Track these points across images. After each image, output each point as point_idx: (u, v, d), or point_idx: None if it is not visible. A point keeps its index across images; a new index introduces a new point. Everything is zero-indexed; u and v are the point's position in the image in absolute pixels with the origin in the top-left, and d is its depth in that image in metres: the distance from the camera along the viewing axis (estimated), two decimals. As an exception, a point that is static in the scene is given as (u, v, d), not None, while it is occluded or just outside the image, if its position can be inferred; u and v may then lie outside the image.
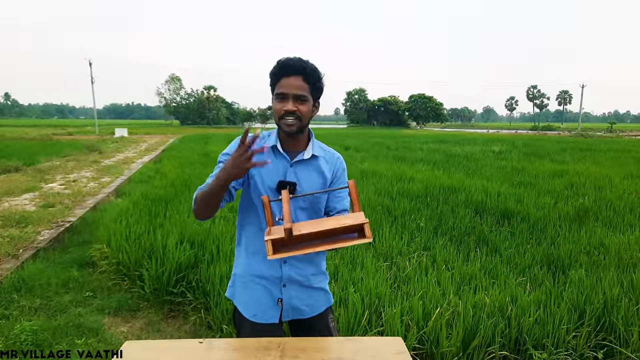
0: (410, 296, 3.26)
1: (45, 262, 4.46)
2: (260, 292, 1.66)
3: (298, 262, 1.65)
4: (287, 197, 1.35)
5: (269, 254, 1.26)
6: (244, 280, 1.69)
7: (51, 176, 10.09)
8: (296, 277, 1.66)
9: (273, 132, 1.67)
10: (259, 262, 1.65)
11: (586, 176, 9.43)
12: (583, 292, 3.17)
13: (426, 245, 4.61)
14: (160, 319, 3.58)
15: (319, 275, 1.73)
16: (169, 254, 3.91)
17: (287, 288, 1.66)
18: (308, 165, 1.64)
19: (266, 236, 1.28)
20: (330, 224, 1.29)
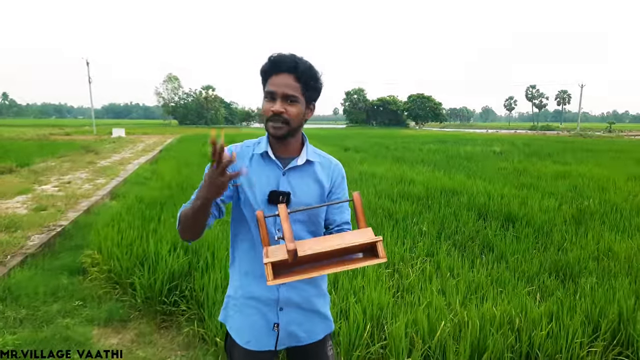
0: (414, 306, 3.10)
1: (34, 269, 4.29)
2: (255, 317, 1.49)
3: (297, 282, 1.46)
4: (286, 213, 1.19)
5: (269, 279, 1.11)
6: (236, 302, 1.52)
7: (45, 178, 9.91)
8: (295, 300, 1.49)
9: (263, 138, 1.51)
10: (253, 283, 1.48)
11: (589, 178, 9.30)
12: (596, 304, 3.01)
13: (429, 251, 4.45)
14: (152, 329, 3.41)
15: (321, 297, 1.56)
16: (162, 262, 3.75)
17: (285, 312, 1.48)
18: (302, 172, 1.48)
19: (265, 258, 1.12)
20: (338, 242, 1.14)
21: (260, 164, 1.46)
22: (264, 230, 1.20)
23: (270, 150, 1.46)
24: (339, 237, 1.18)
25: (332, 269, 1.15)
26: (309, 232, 1.49)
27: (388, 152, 16.53)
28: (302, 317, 1.51)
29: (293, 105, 1.37)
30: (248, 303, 1.49)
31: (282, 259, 1.11)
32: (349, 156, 14.90)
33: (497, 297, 3.29)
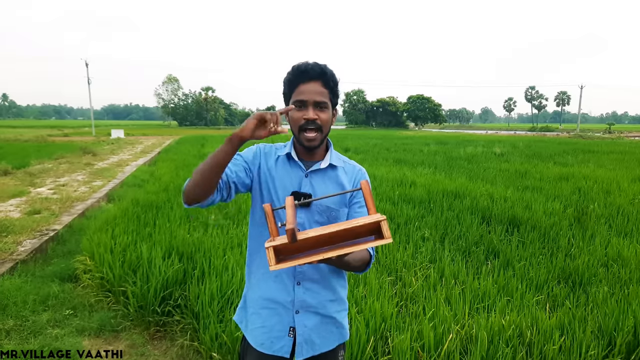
0: (419, 317, 2.97)
1: (24, 276, 4.15)
2: (270, 318, 1.47)
3: (313, 285, 1.47)
4: (292, 202, 1.17)
5: (271, 263, 1.09)
6: (253, 303, 1.51)
7: (41, 180, 9.76)
8: (311, 303, 1.46)
9: (288, 143, 1.52)
10: (270, 284, 1.47)
11: (593, 180, 9.16)
12: (610, 315, 2.87)
13: (432, 257, 4.31)
14: (145, 340, 3.27)
15: (337, 303, 1.53)
16: (156, 269, 3.61)
17: (301, 315, 1.46)
18: (325, 175, 1.49)
19: (267, 243, 1.11)
20: (341, 226, 1.12)
21: (284, 165, 1.48)
22: (272, 222, 1.18)
23: (294, 153, 1.48)
24: (342, 222, 1.16)
25: (335, 252, 1.10)
26: None
27: (388, 154, 16.38)
28: (317, 322, 1.48)
29: (323, 112, 1.40)
30: (264, 304, 1.48)
31: (283, 242, 1.08)
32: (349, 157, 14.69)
33: (505, 306, 3.15)
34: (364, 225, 1.10)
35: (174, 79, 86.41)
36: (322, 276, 1.47)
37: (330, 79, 1.40)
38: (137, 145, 23.29)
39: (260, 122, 1.21)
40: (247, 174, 1.46)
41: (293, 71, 1.40)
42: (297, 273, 1.45)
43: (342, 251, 1.10)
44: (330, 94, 1.41)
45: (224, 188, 1.40)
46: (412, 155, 15.51)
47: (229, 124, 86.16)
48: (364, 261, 1.40)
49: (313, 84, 1.38)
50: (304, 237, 1.08)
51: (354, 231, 1.12)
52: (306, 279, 1.46)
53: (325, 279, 1.48)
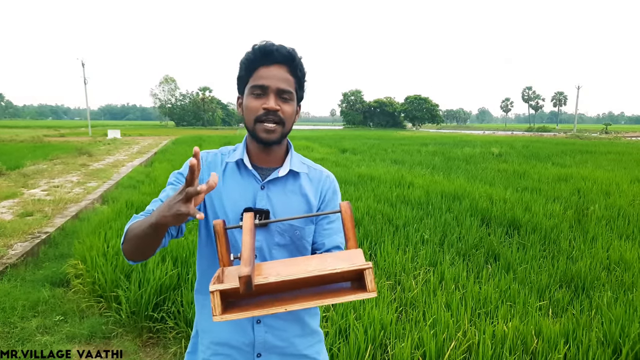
0: (419, 323, 2.88)
1: (14, 280, 4.05)
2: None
3: (278, 321, 1.21)
4: (251, 223, 0.94)
5: (215, 312, 0.83)
6: (203, 348, 1.24)
7: (35, 181, 9.64)
8: (275, 343, 1.21)
9: (239, 144, 1.27)
10: (222, 325, 1.19)
11: (592, 181, 9.11)
12: (615, 322, 2.79)
13: (432, 260, 4.23)
14: (137, 348, 3.18)
15: (307, 336, 1.27)
16: (150, 273, 3.51)
17: (264, 358, 1.21)
18: (285, 185, 1.22)
19: (212, 284, 0.84)
20: (314, 266, 0.87)
21: (233, 175, 1.21)
22: (223, 246, 0.95)
23: (247, 158, 1.22)
24: (318, 260, 0.93)
25: (303, 303, 0.85)
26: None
27: (386, 155, 16.31)
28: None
29: (288, 104, 1.16)
30: (216, 349, 1.21)
31: (234, 287, 0.83)
32: (347, 158, 14.69)
33: (507, 312, 3.07)
34: (342, 272, 0.86)
35: (170, 79, 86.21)
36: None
37: (299, 66, 1.17)
38: (134, 146, 23.15)
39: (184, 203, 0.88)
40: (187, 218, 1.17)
41: (254, 51, 1.14)
42: None
43: (313, 303, 0.86)
44: (297, 84, 1.18)
45: (173, 229, 1.13)
46: (410, 156, 15.44)
47: (226, 124, 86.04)
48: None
49: (277, 69, 1.13)
50: (263, 282, 0.84)
51: (328, 278, 0.87)
52: (268, 315, 1.20)
53: (290, 313, 1.21)
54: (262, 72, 1.13)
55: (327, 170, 1.33)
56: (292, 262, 0.93)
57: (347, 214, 0.99)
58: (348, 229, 0.99)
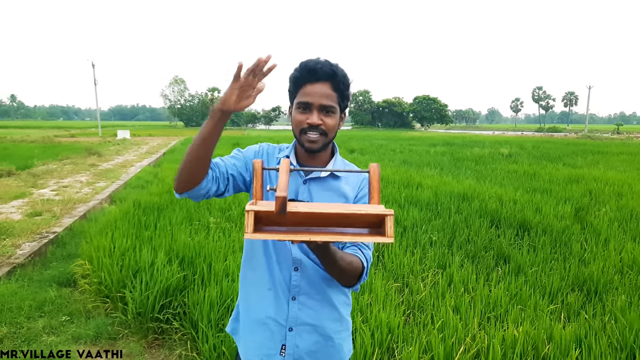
0: (427, 327, 2.83)
1: (21, 280, 4.06)
2: (261, 335, 1.34)
3: (310, 300, 1.32)
4: (287, 166, 1.00)
5: (248, 230, 0.91)
6: (245, 316, 1.39)
7: (44, 181, 9.70)
8: (307, 320, 1.32)
9: (290, 146, 1.40)
10: (262, 297, 1.34)
11: (604, 182, 8.98)
12: (630, 327, 2.72)
13: (441, 262, 4.17)
14: (142, 349, 3.16)
15: (337, 321, 1.36)
16: (156, 274, 3.49)
17: (294, 333, 1.32)
18: (325, 184, 1.34)
19: (248, 206, 0.92)
20: (340, 208, 0.94)
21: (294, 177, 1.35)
22: (259, 182, 1.04)
23: (293, 157, 1.36)
24: (344, 206, 0.98)
25: (326, 237, 0.94)
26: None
27: (394, 155, 16.24)
28: (312, 342, 1.33)
29: (330, 117, 1.27)
30: (255, 319, 1.35)
31: (267, 209, 0.91)
32: (355, 158, 14.63)
33: (518, 316, 3.01)
34: (365, 215, 0.94)
35: (180, 80, 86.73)
36: (319, 291, 1.33)
37: (341, 81, 1.26)
38: (143, 146, 23.27)
39: (242, 90, 1.11)
40: (248, 169, 1.36)
41: (301, 69, 1.26)
42: (293, 287, 1.31)
43: (335, 238, 0.94)
44: (339, 97, 1.28)
45: (220, 178, 1.30)
46: (419, 157, 15.35)
47: (235, 124, 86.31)
48: (354, 269, 1.24)
49: (321, 86, 1.24)
50: (294, 210, 0.91)
51: (352, 218, 0.95)
52: (302, 293, 1.32)
53: (323, 294, 1.33)
54: (307, 89, 1.25)
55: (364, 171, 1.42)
56: (320, 204, 1.00)
57: (375, 175, 1.05)
58: (373, 188, 1.04)
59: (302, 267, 1.31)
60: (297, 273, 1.31)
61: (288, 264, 1.31)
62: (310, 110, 1.25)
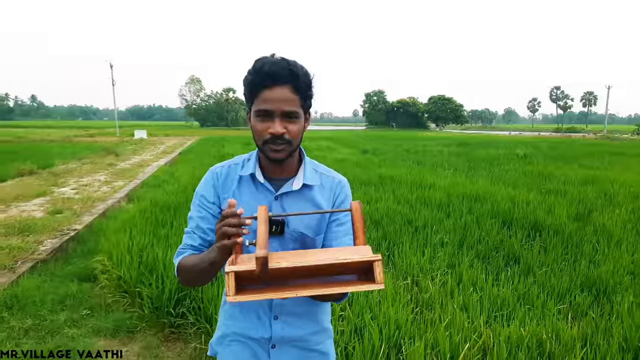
0: (435, 325, 2.89)
1: (44, 275, 4.22)
2: (243, 354, 1.31)
3: (294, 319, 1.29)
4: (265, 215, 0.97)
5: (230, 292, 0.88)
6: (225, 339, 1.35)
7: (64, 180, 9.97)
8: (289, 337, 1.30)
9: (252, 156, 1.30)
10: (243, 317, 1.30)
11: (620, 183, 8.88)
12: (636, 327, 2.75)
13: (450, 262, 4.22)
14: (159, 342, 3.28)
15: (320, 333, 1.35)
16: (171, 270, 3.62)
17: (278, 350, 1.30)
18: (299, 197, 1.25)
19: (228, 266, 0.90)
20: (324, 257, 0.91)
21: (249, 187, 1.26)
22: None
23: (259, 171, 1.25)
24: (328, 252, 0.95)
25: (313, 290, 0.90)
26: None
27: (408, 155, 16.24)
28: (296, 355, 1.32)
29: (293, 123, 1.16)
30: (236, 338, 1.32)
31: (249, 269, 0.88)
32: (368, 159, 14.69)
33: (525, 315, 3.05)
34: (352, 263, 0.91)
35: (196, 80, 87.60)
36: (305, 309, 1.31)
37: (303, 81, 1.14)
38: (159, 146, 23.62)
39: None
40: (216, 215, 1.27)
41: (255, 72, 1.13)
42: (275, 306, 1.28)
43: (322, 290, 0.91)
44: (302, 99, 1.16)
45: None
46: (432, 157, 15.33)
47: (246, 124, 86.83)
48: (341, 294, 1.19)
49: (280, 90, 1.12)
50: (277, 266, 0.88)
51: (338, 267, 0.93)
52: (285, 312, 1.28)
53: (308, 312, 1.31)
54: (265, 95, 1.13)
55: (340, 175, 1.36)
56: (303, 252, 0.96)
57: (357, 213, 1.00)
58: (357, 228, 1.00)
59: None
60: None
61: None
62: (272, 118, 1.13)
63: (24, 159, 12.37)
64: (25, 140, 25.19)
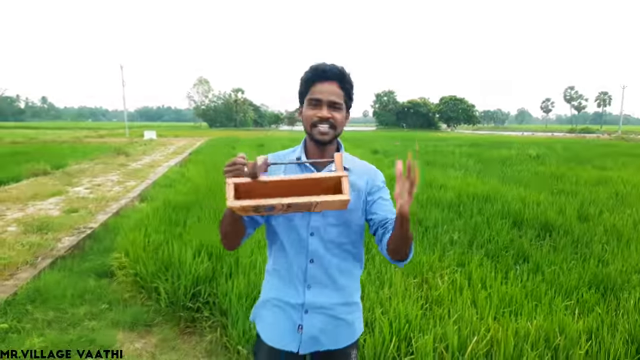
0: (444, 320, 2.96)
1: (63, 271, 4.36)
2: (280, 316, 1.52)
3: (324, 289, 1.50)
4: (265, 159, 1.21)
5: (230, 199, 1.11)
6: (266, 303, 1.58)
7: (78, 180, 10.16)
8: (320, 304, 1.50)
9: (298, 147, 1.56)
10: (281, 285, 1.53)
11: (632, 184, 8.85)
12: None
13: (460, 261, 4.28)
14: (176, 335, 3.39)
15: (349, 305, 1.55)
16: (186, 267, 3.73)
17: (309, 315, 1.50)
18: None
19: (229, 179, 1.15)
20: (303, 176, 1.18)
21: (295, 168, 1.50)
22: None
23: (304, 156, 1.51)
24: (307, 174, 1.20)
25: (295, 198, 1.12)
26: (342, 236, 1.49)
27: (418, 156, 16.26)
28: (325, 322, 1.50)
29: (338, 112, 1.44)
30: (277, 303, 1.53)
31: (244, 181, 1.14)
32: (378, 159, 14.73)
33: (533, 311, 3.11)
34: (326, 179, 1.15)
35: (204, 81, 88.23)
36: (331, 279, 1.50)
37: (347, 81, 1.44)
38: (169, 147, 23.85)
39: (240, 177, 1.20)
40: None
41: (311, 70, 1.43)
42: (309, 277, 1.49)
43: (300, 199, 1.12)
44: (346, 96, 1.45)
45: (249, 227, 1.49)
46: (443, 158, 15.34)
47: (258, 125, 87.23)
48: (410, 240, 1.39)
49: (330, 84, 1.41)
50: (265, 180, 1.13)
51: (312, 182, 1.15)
52: (317, 283, 1.49)
53: (335, 283, 1.51)
54: (317, 88, 1.42)
55: (374, 166, 1.62)
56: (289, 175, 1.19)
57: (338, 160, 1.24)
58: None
59: (318, 259, 1.49)
60: (312, 264, 1.49)
61: (305, 257, 1.49)
62: (321, 106, 1.41)
63: (36, 159, 12.62)
64: (37, 141, 25.57)
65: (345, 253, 1.52)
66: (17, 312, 3.51)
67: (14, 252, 4.59)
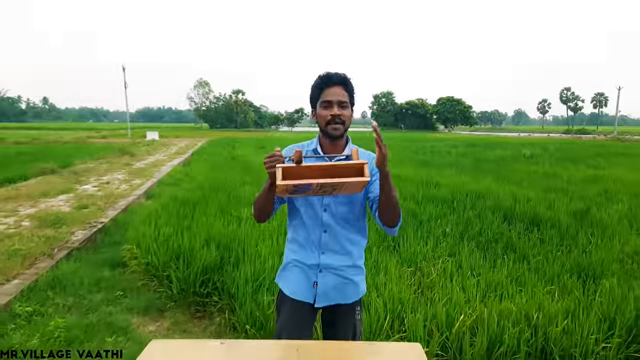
0: (434, 302, 3.23)
1: (79, 261, 4.62)
2: (300, 275, 1.87)
3: (335, 254, 1.84)
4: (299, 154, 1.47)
5: (279, 179, 1.41)
6: (288, 265, 1.92)
7: (85, 178, 10.42)
8: (331, 265, 1.84)
9: (314, 139, 1.89)
10: (301, 251, 1.87)
11: (622, 182, 9.13)
12: (614, 302, 3.07)
13: (452, 251, 4.55)
14: (186, 319, 3.65)
15: (354, 268, 1.88)
16: (196, 256, 4.00)
17: (323, 274, 1.84)
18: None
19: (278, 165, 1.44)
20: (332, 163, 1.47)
21: (311, 159, 1.80)
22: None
23: (319, 148, 1.83)
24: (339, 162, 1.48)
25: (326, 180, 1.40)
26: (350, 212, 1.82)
27: (415, 156, 16.55)
28: (336, 280, 1.84)
29: (346, 109, 1.76)
30: (297, 264, 1.88)
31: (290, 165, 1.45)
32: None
33: (516, 295, 3.38)
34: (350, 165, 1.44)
35: (204, 83, 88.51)
36: (341, 247, 1.85)
37: (350, 84, 1.78)
38: (171, 147, 24.12)
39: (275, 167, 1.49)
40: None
41: (320, 78, 1.77)
42: (322, 244, 1.84)
43: (331, 180, 1.41)
44: (349, 96, 1.77)
45: (276, 204, 1.84)
46: (440, 158, 15.64)
47: (258, 126, 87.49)
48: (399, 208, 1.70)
49: (336, 88, 1.74)
50: (309, 165, 1.43)
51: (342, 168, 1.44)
52: (328, 249, 1.84)
53: (344, 249, 1.85)
54: (327, 92, 1.75)
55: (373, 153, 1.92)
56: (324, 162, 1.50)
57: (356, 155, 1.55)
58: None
59: (330, 230, 1.83)
60: (325, 234, 1.84)
61: (319, 227, 1.83)
62: (332, 106, 1.73)
63: (42, 159, 12.87)
64: (40, 141, 25.81)
65: (352, 226, 1.85)
66: (39, 298, 3.77)
67: (33, 243, 4.87)
